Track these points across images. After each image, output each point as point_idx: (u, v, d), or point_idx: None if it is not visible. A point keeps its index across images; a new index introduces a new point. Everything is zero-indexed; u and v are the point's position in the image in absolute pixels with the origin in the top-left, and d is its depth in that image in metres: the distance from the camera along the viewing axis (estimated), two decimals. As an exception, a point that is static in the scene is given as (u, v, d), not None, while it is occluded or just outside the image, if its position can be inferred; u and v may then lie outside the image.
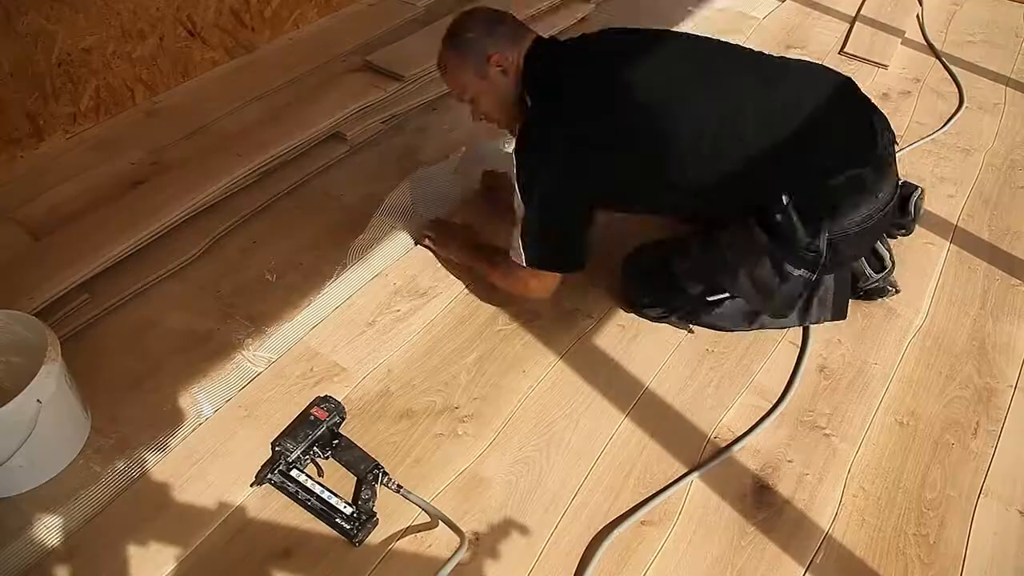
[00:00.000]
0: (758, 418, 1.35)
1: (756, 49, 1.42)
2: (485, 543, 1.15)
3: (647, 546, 1.16)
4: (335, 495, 1.18)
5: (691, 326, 1.48)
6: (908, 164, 1.95)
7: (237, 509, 1.18)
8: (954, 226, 1.77)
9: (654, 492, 1.23)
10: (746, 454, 1.29)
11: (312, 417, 1.25)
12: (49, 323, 1.26)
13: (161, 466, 1.23)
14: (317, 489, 1.18)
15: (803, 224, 1.24)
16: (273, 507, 1.18)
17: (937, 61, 2.37)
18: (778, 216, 1.25)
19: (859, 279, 1.51)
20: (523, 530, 1.17)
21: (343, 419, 1.29)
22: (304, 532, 1.15)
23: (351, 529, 1.13)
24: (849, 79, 1.39)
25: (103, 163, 1.77)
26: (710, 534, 1.18)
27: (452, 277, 1.57)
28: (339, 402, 1.29)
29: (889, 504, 1.23)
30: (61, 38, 1.75)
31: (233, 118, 1.94)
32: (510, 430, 1.30)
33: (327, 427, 1.25)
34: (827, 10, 2.61)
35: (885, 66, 2.31)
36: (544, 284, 1.41)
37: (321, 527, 1.16)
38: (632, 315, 1.51)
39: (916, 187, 1.64)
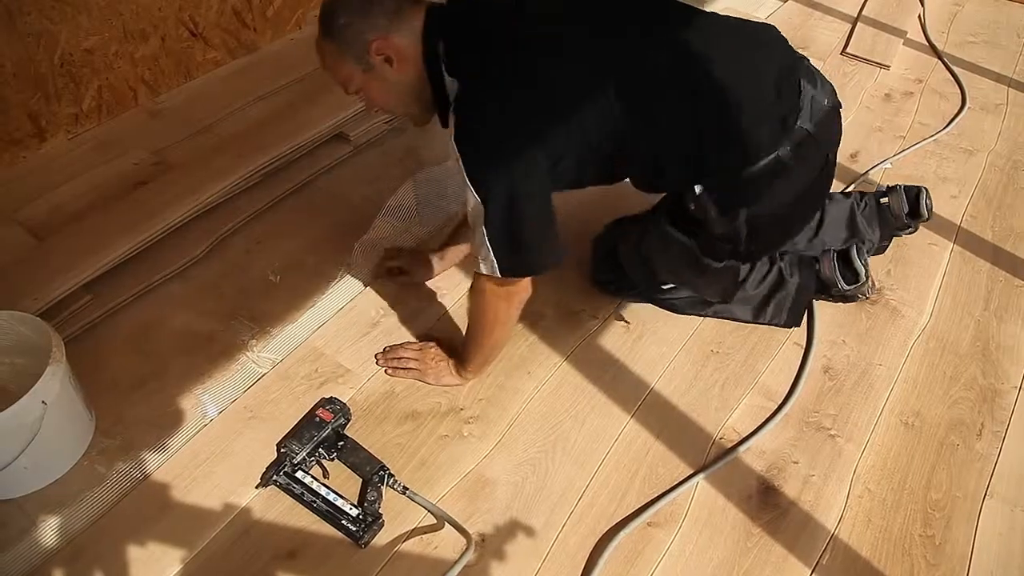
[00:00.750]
0: (763, 419, 1.34)
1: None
2: (491, 544, 1.15)
3: (653, 547, 1.16)
4: (341, 497, 1.18)
5: (626, 320, 1.49)
6: (912, 165, 1.95)
7: (243, 510, 1.17)
8: (957, 227, 1.77)
9: (660, 493, 1.22)
10: (752, 455, 1.29)
11: (317, 418, 1.25)
12: (52, 324, 1.26)
13: (166, 467, 1.23)
14: (323, 491, 1.18)
15: (720, 213, 1.19)
16: (279, 509, 1.18)
17: (939, 62, 2.37)
18: (691, 206, 1.21)
19: (831, 288, 1.49)
20: (529, 531, 1.17)
21: (348, 420, 1.28)
22: (310, 533, 1.15)
23: (357, 531, 1.13)
24: (772, 30, 1.24)
25: (106, 163, 1.76)
26: (716, 535, 1.18)
27: (457, 277, 1.56)
28: (344, 403, 1.29)
29: (895, 505, 1.23)
30: (63, 38, 1.74)
31: (236, 118, 1.94)
32: (516, 431, 1.30)
33: (332, 429, 1.24)
34: (829, 10, 2.62)
35: (887, 67, 2.31)
36: (520, 293, 1.22)
37: (327, 528, 1.16)
38: (636, 316, 1.50)
39: (919, 188, 1.64)
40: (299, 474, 1.20)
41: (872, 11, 2.59)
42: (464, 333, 1.35)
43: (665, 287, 1.45)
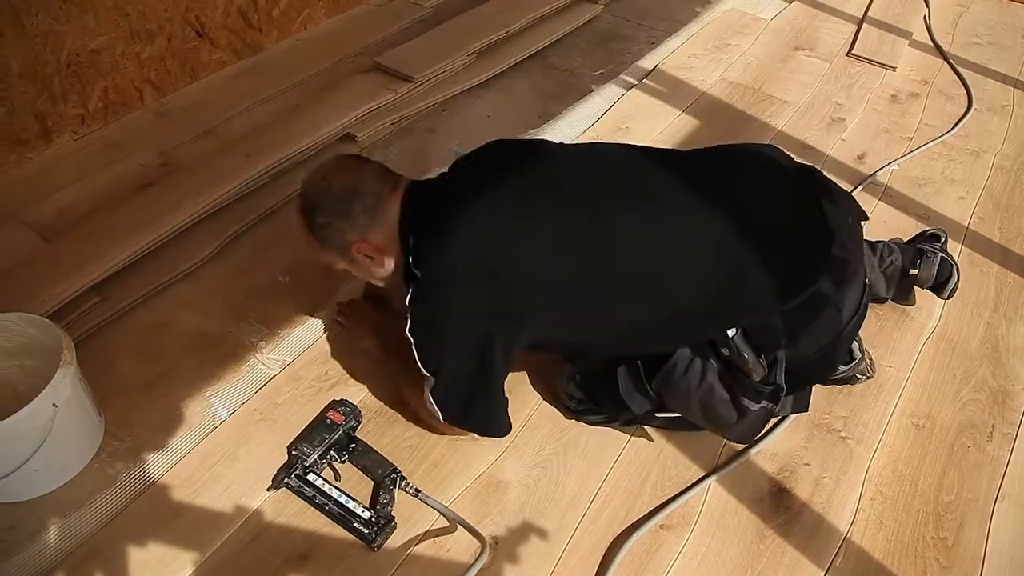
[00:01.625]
0: (775, 421, 1.34)
1: (672, 149, 1.23)
2: (504, 547, 1.15)
3: (666, 550, 1.16)
4: (353, 499, 1.17)
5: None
6: (919, 167, 1.95)
7: (254, 513, 1.17)
8: (965, 228, 1.77)
9: (672, 496, 1.22)
10: (763, 457, 1.29)
11: (328, 421, 1.24)
12: (61, 325, 1.25)
13: (176, 470, 1.22)
14: (334, 493, 1.17)
15: (756, 356, 1.08)
16: (290, 511, 1.18)
17: (945, 63, 2.37)
18: (725, 351, 1.09)
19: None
20: (542, 534, 1.16)
21: (359, 423, 1.28)
22: (322, 537, 1.15)
23: (369, 534, 1.13)
24: (801, 167, 1.20)
25: (112, 164, 1.76)
26: (729, 538, 1.18)
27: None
28: (355, 405, 1.29)
29: (907, 507, 1.23)
30: (70, 39, 1.74)
31: (242, 119, 1.93)
32: (527, 433, 1.30)
33: (343, 431, 1.24)
34: (834, 11, 2.62)
35: (893, 68, 2.31)
36: (456, 432, 1.22)
37: (339, 531, 1.15)
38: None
39: (952, 266, 1.43)
40: (311, 477, 1.19)
41: (877, 12, 2.60)
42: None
43: (660, 415, 1.25)
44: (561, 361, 1.32)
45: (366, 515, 1.15)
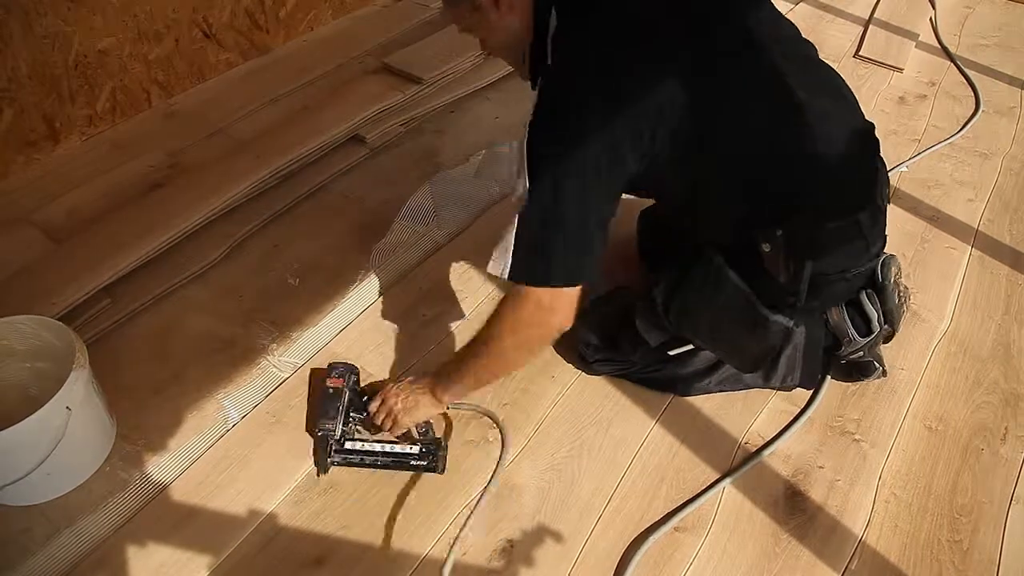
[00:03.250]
0: (787, 423, 1.34)
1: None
2: (520, 550, 1.14)
3: (682, 553, 1.16)
4: (396, 442, 1.21)
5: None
6: (927, 169, 1.95)
7: (268, 517, 1.17)
8: (975, 230, 1.77)
9: (687, 499, 1.22)
10: (777, 460, 1.29)
11: (331, 390, 1.23)
12: (71, 328, 1.25)
13: (189, 473, 1.22)
14: (378, 447, 1.20)
15: (787, 262, 1.10)
16: (305, 514, 1.17)
17: (952, 64, 2.37)
18: (765, 247, 1.10)
19: (841, 342, 1.33)
20: (557, 537, 1.16)
21: (358, 375, 1.28)
22: (336, 540, 1.14)
23: (428, 464, 1.17)
24: (870, 123, 1.23)
25: (121, 166, 1.75)
26: (744, 540, 1.18)
27: (478, 281, 1.56)
28: (344, 362, 1.28)
29: (921, 510, 1.23)
30: (78, 40, 1.74)
31: (250, 120, 1.93)
32: (541, 436, 1.29)
33: (349, 390, 1.24)
34: (840, 13, 2.62)
35: (900, 69, 2.32)
36: (554, 317, 1.06)
37: (353, 534, 1.15)
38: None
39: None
40: (348, 444, 1.20)
41: (883, 14, 2.60)
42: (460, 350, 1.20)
43: (674, 352, 1.25)
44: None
45: (416, 450, 1.18)
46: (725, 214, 1.16)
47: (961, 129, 2.08)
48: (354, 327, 1.45)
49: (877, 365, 1.36)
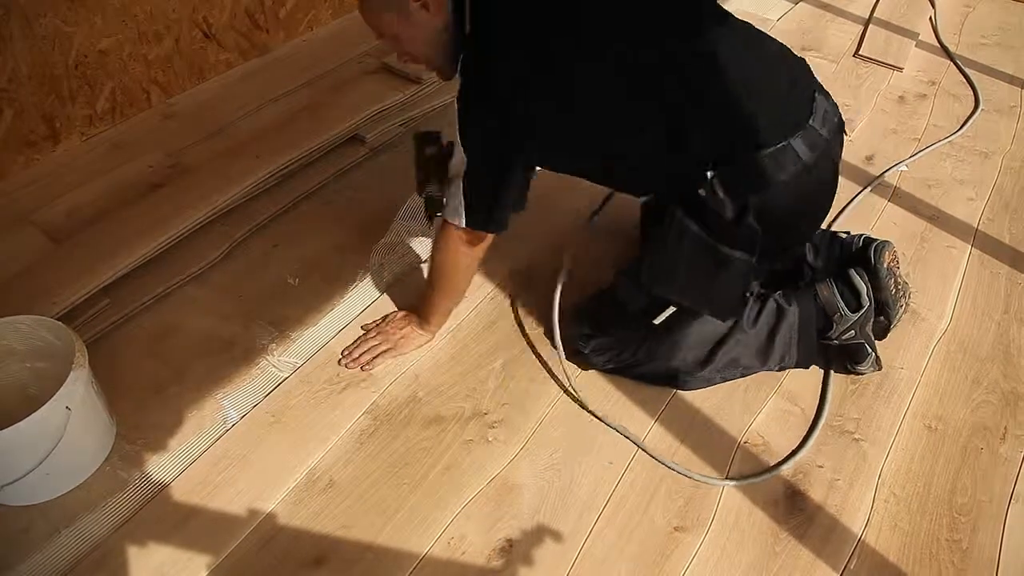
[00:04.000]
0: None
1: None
2: (519, 550, 1.14)
3: (681, 552, 1.16)
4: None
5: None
6: (927, 168, 1.95)
7: (267, 516, 1.17)
8: (975, 229, 1.77)
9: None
10: (776, 459, 1.29)
11: (428, 153, 1.29)
12: (71, 328, 1.25)
13: (188, 473, 1.22)
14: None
15: (729, 199, 1.15)
16: (304, 514, 1.17)
17: (951, 64, 2.37)
18: (701, 192, 1.16)
19: (832, 318, 1.34)
20: (557, 536, 1.16)
21: (439, 137, 1.31)
22: (336, 539, 1.15)
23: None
24: (800, 59, 1.27)
25: (121, 166, 1.75)
26: (744, 540, 1.18)
27: (478, 280, 1.56)
28: (428, 131, 1.32)
29: (921, 509, 1.23)
30: (78, 40, 1.74)
31: (250, 120, 1.93)
32: (540, 436, 1.29)
33: (441, 152, 1.29)
34: (840, 12, 2.61)
35: (900, 69, 2.31)
36: (483, 242, 1.27)
37: (353, 534, 1.15)
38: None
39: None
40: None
41: (883, 13, 2.59)
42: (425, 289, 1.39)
43: (658, 321, 1.29)
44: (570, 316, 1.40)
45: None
46: (660, 169, 1.21)
47: (960, 128, 2.08)
48: (354, 327, 1.45)
49: (870, 350, 1.36)
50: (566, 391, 1.36)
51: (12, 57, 1.62)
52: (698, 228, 1.19)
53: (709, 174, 1.15)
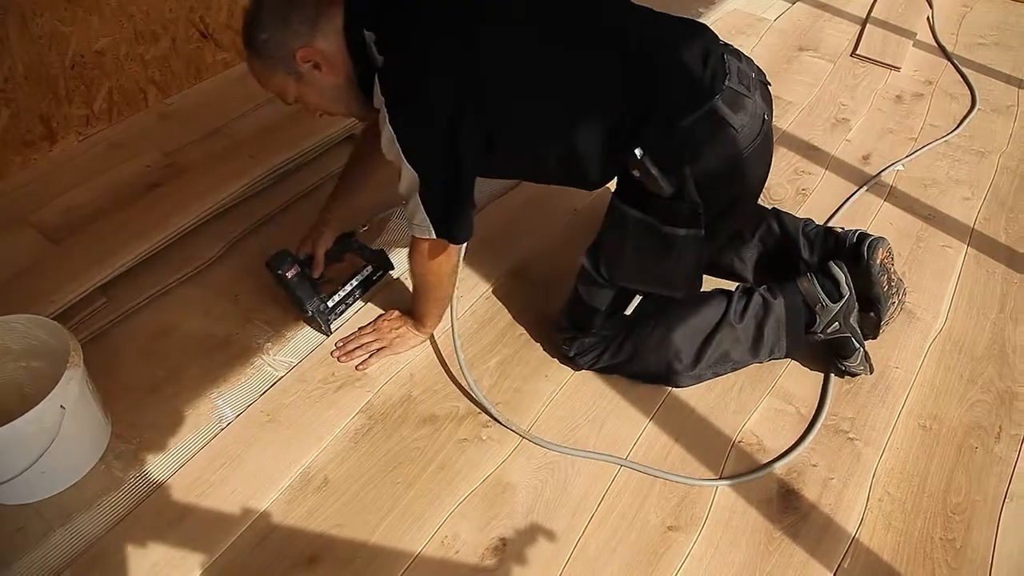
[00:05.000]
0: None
1: None
2: (512, 549, 1.14)
3: (674, 551, 1.16)
4: (351, 277, 1.49)
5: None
6: (924, 167, 1.95)
7: (262, 515, 1.17)
8: (971, 229, 1.77)
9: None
10: (770, 458, 1.29)
11: (293, 278, 1.41)
12: (67, 327, 1.25)
13: (183, 472, 1.22)
14: (348, 288, 1.47)
15: (664, 175, 1.15)
16: (298, 513, 1.17)
17: (949, 63, 2.37)
18: (635, 172, 1.16)
19: (815, 310, 1.34)
20: (550, 535, 1.16)
21: (294, 253, 1.44)
22: (330, 538, 1.15)
23: (384, 268, 1.53)
24: (702, 24, 1.26)
25: (118, 165, 1.75)
26: (737, 539, 1.18)
27: (473, 280, 1.56)
28: (277, 252, 1.42)
29: (915, 509, 1.23)
30: (75, 40, 1.74)
31: (247, 120, 1.93)
32: (534, 435, 1.29)
33: (302, 268, 1.42)
34: (838, 12, 2.61)
35: (898, 68, 2.31)
36: (458, 248, 1.26)
37: (347, 533, 1.15)
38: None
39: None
40: (330, 303, 1.43)
41: (881, 13, 2.59)
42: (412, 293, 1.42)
43: (629, 311, 1.30)
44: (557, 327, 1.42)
45: (369, 269, 1.50)
46: (590, 154, 1.20)
47: (957, 127, 2.08)
48: (349, 327, 1.46)
49: (857, 345, 1.36)
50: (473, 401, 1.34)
51: (9, 57, 1.63)
52: (639, 213, 1.20)
53: (638, 152, 1.14)
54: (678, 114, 1.14)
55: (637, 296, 1.29)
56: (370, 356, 1.38)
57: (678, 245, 1.21)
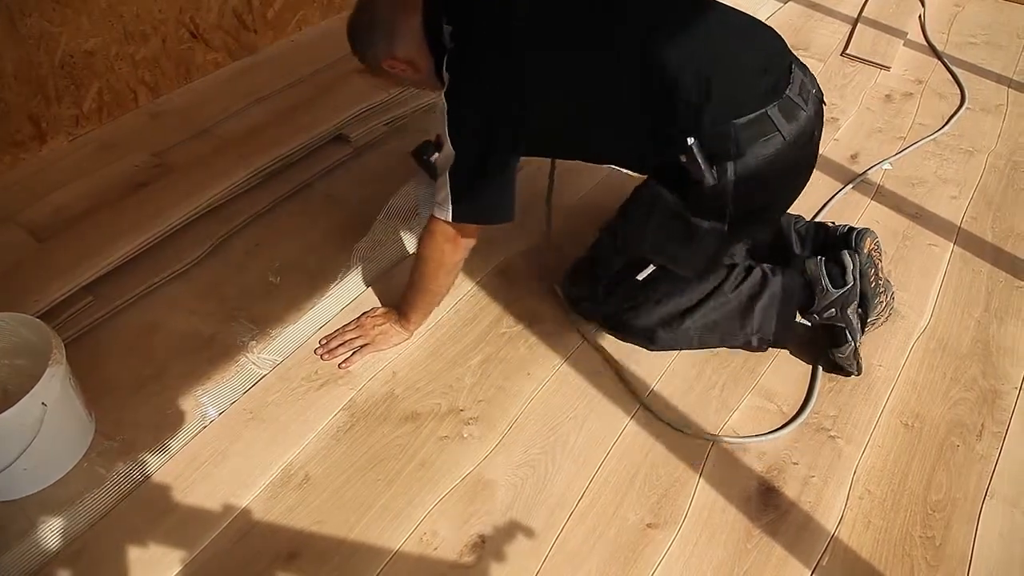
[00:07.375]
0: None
1: None
2: (491, 546, 1.15)
3: (653, 548, 1.16)
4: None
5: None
6: (912, 166, 1.95)
7: (242, 512, 1.18)
8: (957, 227, 1.77)
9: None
10: (751, 456, 1.29)
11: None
12: (53, 325, 1.26)
13: (166, 469, 1.23)
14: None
15: (709, 164, 1.19)
16: (279, 510, 1.18)
17: (939, 63, 2.37)
18: (683, 158, 1.19)
19: (815, 292, 1.36)
20: (529, 532, 1.17)
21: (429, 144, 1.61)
22: (310, 534, 1.15)
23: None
24: (773, 31, 1.30)
25: (107, 165, 1.76)
26: (716, 536, 1.18)
27: (458, 279, 1.56)
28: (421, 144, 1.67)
29: (895, 506, 1.23)
30: (64, 40, 1.75)
31: (236, 120, 1.94)
32: (515, 433, 1.30)
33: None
34: (829, 12, 2.62)
35: (888, 68, 2.32)
36: (468, 239, 1.31)
37: (327, 529, 1.16)
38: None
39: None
40: None
41: (872, 12, 2.60)
42: (406, 286, 1.41)
43: (642, 277, 1.36)
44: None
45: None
46: (643, 139, 1.25)
47: (944, 125, 2.08)
48: (333, 325, 1.46)
49: (850, 338, 1.36)
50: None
51: (-3, 57, 1.64)
52: (672, 196, 1.25)
53: (690, 140, 1.18)
54: (736, 111, 1.18)
55: (651, 265, 1.35)
56: (353, 354, 1.39)
57: (700, 235, 1.26)
